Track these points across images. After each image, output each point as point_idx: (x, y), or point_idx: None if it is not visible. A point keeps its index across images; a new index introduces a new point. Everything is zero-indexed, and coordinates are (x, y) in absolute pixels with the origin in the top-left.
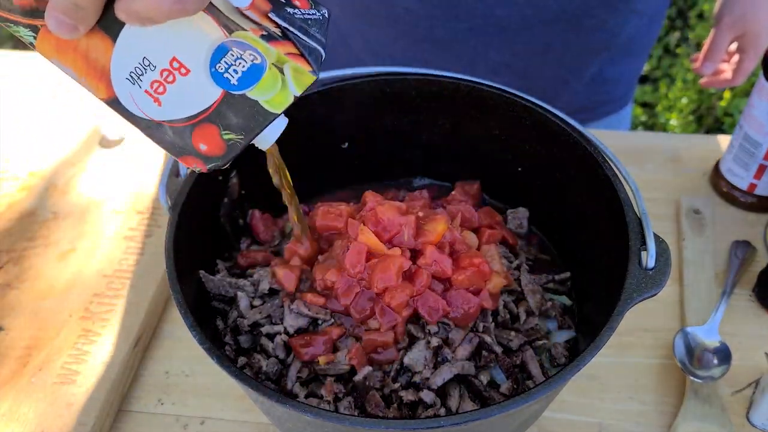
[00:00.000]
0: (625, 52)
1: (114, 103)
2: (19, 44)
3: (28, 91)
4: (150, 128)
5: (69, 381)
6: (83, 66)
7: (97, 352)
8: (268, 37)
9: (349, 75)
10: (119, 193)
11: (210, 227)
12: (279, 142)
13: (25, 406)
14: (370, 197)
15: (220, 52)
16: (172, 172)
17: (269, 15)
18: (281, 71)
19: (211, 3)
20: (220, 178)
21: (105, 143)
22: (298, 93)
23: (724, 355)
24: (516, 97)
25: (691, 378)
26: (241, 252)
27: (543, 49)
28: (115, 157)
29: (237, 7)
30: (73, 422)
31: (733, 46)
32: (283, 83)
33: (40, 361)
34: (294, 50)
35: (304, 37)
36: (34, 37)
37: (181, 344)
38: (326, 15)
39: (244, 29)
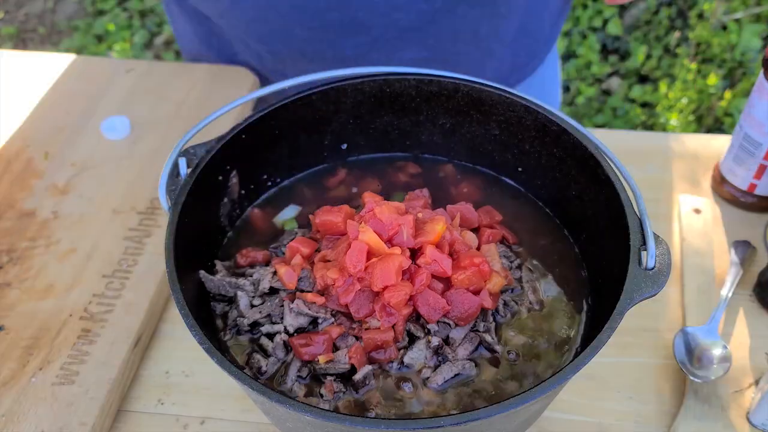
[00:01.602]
0: (532, 12)
1: None
2: (19, 44)
3: (28, 91)
4: None
5: (69, 381)
6: None
7: (97, 352)
8: None
9: (349, 75)
10: (119, 193)
11: (210, 227)
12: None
13: (25, 406)
14: (369, 197)
15: None
16: (172, 172)
17: None
18: None
19: None
20: (220, 178)
21: (105, 143)
22: None
23: (724, 355)
24: (516, 97)
25: (691, 378)
26: (241, 251)
27: (452, 36)
28: (115, 157)
29: None
30: (73, 422)
31: None
32: None
33: (40, 361)
34: None
35: None
36: None
37: (181, 344)
38: None
39: None
